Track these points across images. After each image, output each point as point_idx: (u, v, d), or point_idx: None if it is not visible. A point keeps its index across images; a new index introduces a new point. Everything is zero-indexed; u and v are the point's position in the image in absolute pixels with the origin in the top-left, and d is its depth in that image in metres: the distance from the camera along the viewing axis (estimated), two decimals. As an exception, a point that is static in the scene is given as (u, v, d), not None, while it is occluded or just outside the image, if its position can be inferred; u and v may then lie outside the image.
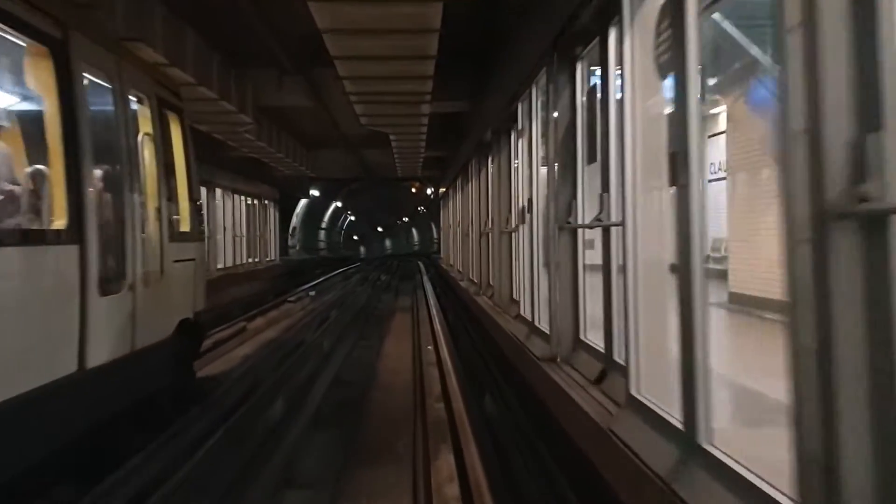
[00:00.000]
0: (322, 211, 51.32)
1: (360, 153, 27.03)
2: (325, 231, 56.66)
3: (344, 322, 19.35)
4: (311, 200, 41.06)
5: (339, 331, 17.63)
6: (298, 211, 40.25)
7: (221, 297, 21.51)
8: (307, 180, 35.78)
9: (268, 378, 11.19)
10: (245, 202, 24.32)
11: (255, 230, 26.09)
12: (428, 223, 63.73)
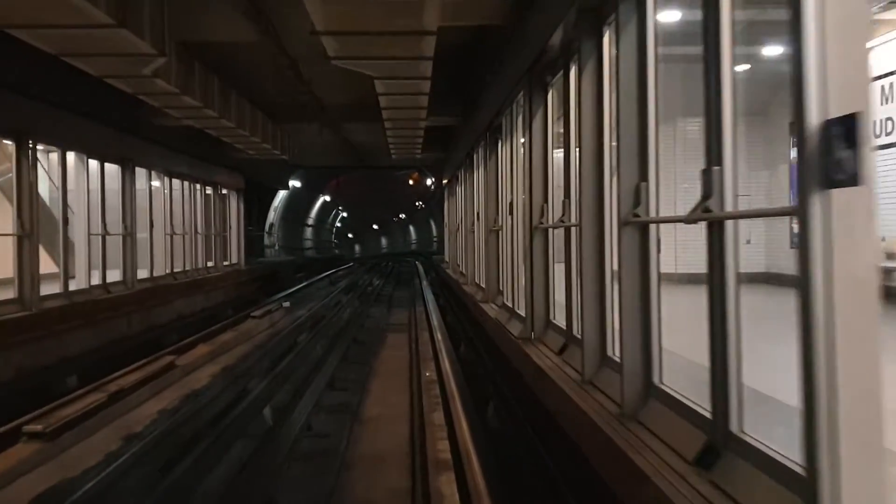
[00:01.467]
0: (307, 205, 46.00)
1: (342, 131, 21.65)
2: (311, 228, 51.29)
3: (313, 356, 13.99)
4: (293, 193, 35.72)
5: (304, 370, 12.34)
6: (277, 205, 34.95)
7: (150, 317, 16.13)
8: (285, 168, 30.40)
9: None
10: (193, 191, 18.89)
11: (209, 227, 20.67)
12: (426, 220, 58.53)
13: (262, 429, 8.83)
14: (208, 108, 13.46)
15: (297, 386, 11.28)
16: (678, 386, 3.87)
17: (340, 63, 9.70)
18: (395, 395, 11.10)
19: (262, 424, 9.00)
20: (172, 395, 10.89)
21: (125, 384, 11.20)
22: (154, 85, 11.23)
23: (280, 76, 15.44)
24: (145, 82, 11.03)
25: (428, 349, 14.16)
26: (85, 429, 9.17)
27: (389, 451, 8.10)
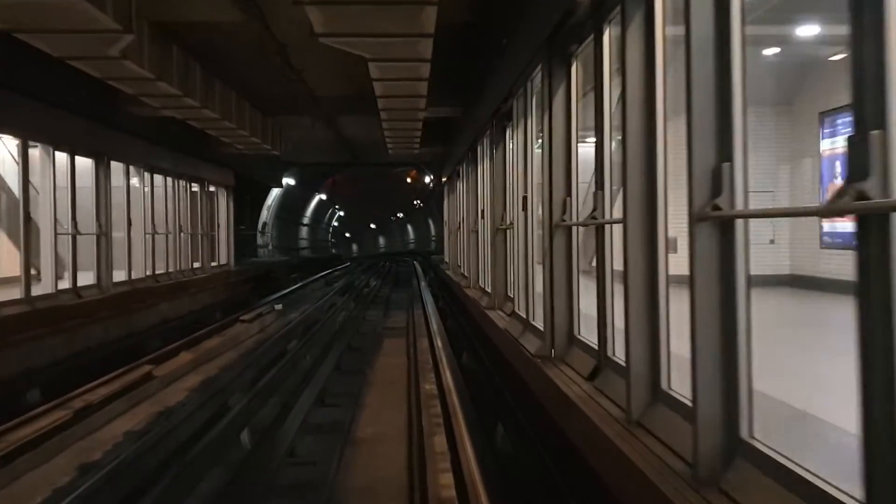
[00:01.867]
0: (302, 204, 44.84)
1: (337, 125, 20.56)
2: (307, 228, 50.12)
3: (303, 366, 12.92)
4: (287, 191, 34.58)
5: (293, 382, 11.29)
6: (270, 203, 33.81)
7: (130, 322, 15.05)
8: (278, 165, 29.30)
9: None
10: (176, 187, 17.77)
11: (196, 226, 19.57)
12: (425, 219, 57.46)
13: (240, 455, 7.76)
14: (188, 97, 12.37)
15: (285, 401, 10.21)
16: (778, 442, 2.80)
17: (329, 41, 8.62)
18: (392, 411, 10.04)
19: (240, 450, 7.93)
20: (145, 412, 9.82)
21: (93, 399, 10.15)
22: (124, 68, 10.14)
23: (268, 64, 14.35)
24: (113, 65, 9.93)
25: (427, 357, 13.09)
26: (42, 452, 8.12)
27: (384, 483, 7.04)
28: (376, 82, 11.21)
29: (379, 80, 11.03)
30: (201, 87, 13.06)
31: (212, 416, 9.27)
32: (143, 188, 15.32)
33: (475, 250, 12.95)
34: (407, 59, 9.59)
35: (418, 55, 9.30)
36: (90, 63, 9.87)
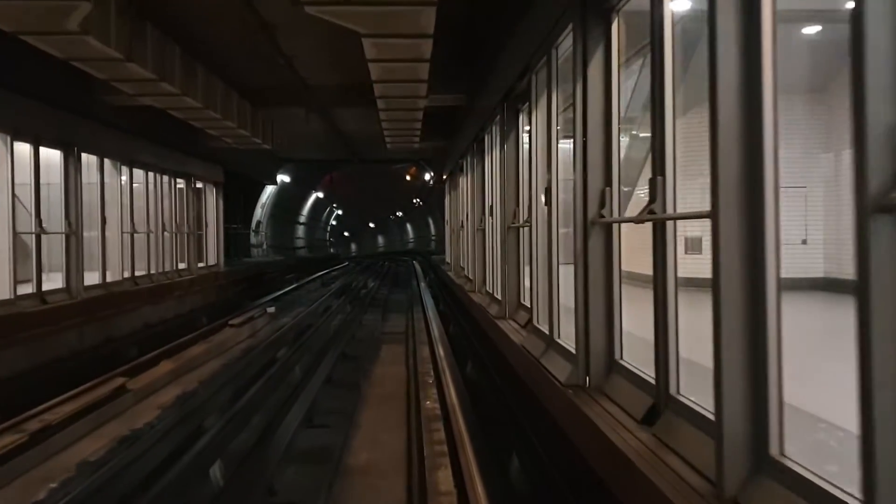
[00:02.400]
0: (299, 202, 43.61)
1: (332, 117, 19.40)
2: (304, 227, 48.90)
3: (292, 379, 11.77)
4: (282, 188, 33.37)
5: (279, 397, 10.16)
6: (264, 201, 32.59)
7: (108, 329, 13.91)
8: (272, 161, 28.14)
9: None
10: (159, 183, 16.58)
11: (182, 224, 18.40)
12: (425, 217, 56.30)
13: (210, 493, 6.61)
14: (166, 82, 11.20)
15: (268, 421, 9.06)
16: None
17: (316, 10, 7.47)
18: (389, 433, 8.90)
19: (210, 487, 6.77)
20: (109, 436, 8.67)
21: (53, 419, 9.00)
22: (88, 47, 8.97)
23: (255, 49, 13.22)
24: (75, 42, 8.77)
25: (428, 367, 11.96)
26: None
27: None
28: (372, 64, 10.06)
29: (375, 62, 9.87)
30: (181, 72, 11.89)
31: (184, 440, 8.12)
32: (119, 183, 14.12)
33: (481, 251, 11.78)
34: (406, 34, 8.43)
35: (419, 29, 8.14)
36: (47, 40, 8.71)
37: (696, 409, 3.39)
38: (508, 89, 7.87)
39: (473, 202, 12.64)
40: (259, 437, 8.29)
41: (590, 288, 4.68)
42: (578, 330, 4.75)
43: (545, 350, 5.57)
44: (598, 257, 4.68)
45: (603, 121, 4.69)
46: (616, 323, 4.62)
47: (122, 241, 14.16)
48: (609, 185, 4.64)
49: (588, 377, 4.69)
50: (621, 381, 4.38)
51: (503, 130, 8.55)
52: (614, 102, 4.61)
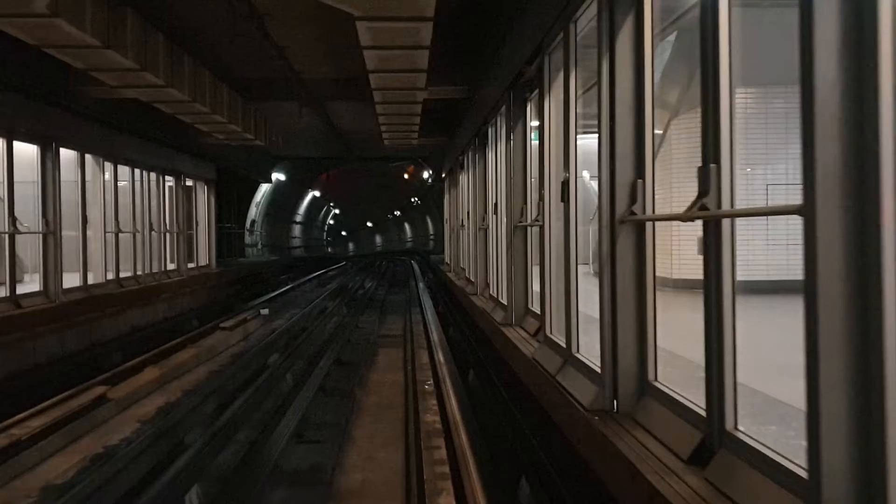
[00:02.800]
0: (295, 201, 42.87)
1: (327, 112, 18.73)
2: (300, 226, 48.15)
3: (283, 387, 11.10)
4: (277, 186, 32.66)
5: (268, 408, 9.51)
6: (259, 200, 31.88)
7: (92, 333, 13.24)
8: (267, 159, 27.46)
9: None
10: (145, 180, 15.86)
11: (173, 224, 17.71)
12: (423, 217, 55.61)
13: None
14: (148, 72, 10.53)
15: (255, 436, 8.40)
16: None
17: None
18: (386, 449, 8.22)
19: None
20: (82, 453, 8.00)
21: (22, 434, 8.32)
22: (60, 31, 8.31)
23: (246, 39, 12.56)
24: (45, 26, 8.10)
25: (427, 374, 11.29)
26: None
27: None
28: (368, 52, 9.39)
29: (371, 49, 9.20)
30: (165, 62, 11.22)
31: (161, 459, 7.45)
32: (103, 180, 13.41)
33: (483, 251, 11.11)
34: (404, 17, 7.76)
35: (418, 11, 7.48)
36: (15, 22, 8.03)
37: (766, 452, 2.72)
38: (516, 76, 7.19)
39: (475, 200, 11.97)
40: (244, 455, 7.64)
41: (618, 296, 4.01)
42: (604, 345, 4.08)
43: (562, 366, 4.89)
44: (628, 261, 4.02)
45: (633, 102, 4.02)
46: (650, 338, 3.96)
47: (106, 242, 13.46)
48: (641, 178, 3.98)
49: (616, 401, 4.02)
50: (657, 408, 3.72)
51: (509, 122, 7.88)
52: (647, 80, 3.94)
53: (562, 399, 4.53)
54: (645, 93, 3.95)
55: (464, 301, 13.18)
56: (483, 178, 10.95)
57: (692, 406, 3.37)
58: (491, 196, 9.95)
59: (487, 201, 10.47)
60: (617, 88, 4.03)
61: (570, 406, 4.31)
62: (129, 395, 10.57)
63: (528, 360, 5.89)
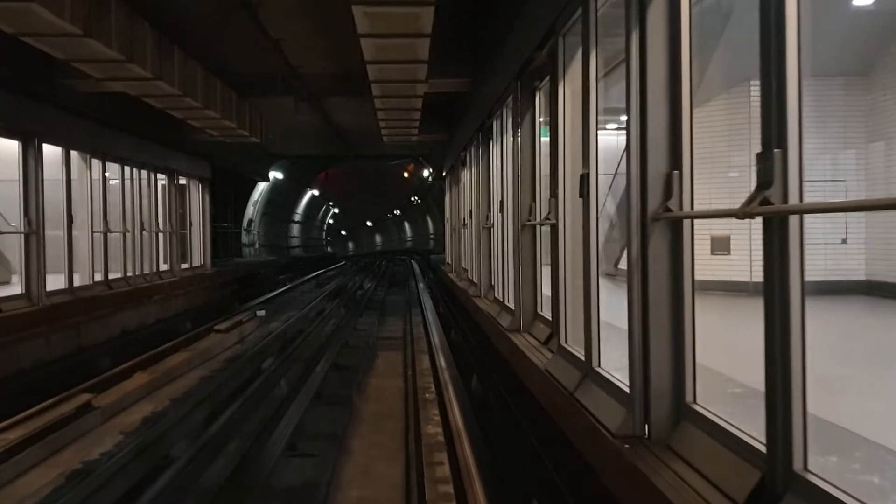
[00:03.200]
0: (293, 200, 42.32)
1: (324, 108, 18.20)
2: (299, 225, 47.60)
3: (277, 394, 10.60)
4: (275, 185, 32.11)
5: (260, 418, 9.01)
6: (256, 199, 31.34)
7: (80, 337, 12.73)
8: (264, 157, 26.93)
9: None
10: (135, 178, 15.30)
11: (166, 223, 17.18)
12: (423, 216, 55.07)
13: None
14: (135, 64, 9.99)
15: (245, 449, 7.89)
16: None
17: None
18: (385, 462, 7.73)
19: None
20: (61, 467, 7.49)
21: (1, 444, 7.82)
22: (38, 18, 7.78)
23: (239, 31, 12.06)
24: (21, 12, 7.58)
25: (428, 380, 10.80)
26: None
27: None
28: (365, 40, 8.85)
29: (368, 37, 8.67)
30: (153, 54, 10.68)
31: (144, 476, 6.94)
32: (90, 178, 12.86)
33: (487, 252, 10.58)
34: (404, 1, 7.23)
35: None
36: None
37: (848, 501, 2.20)
38: (524, 63, 6.67)
39: (478, 198, 11.44)
40: (233, 470, 7.12)
41: (650, 305, 3.49)
42: (634, 360, 3.56)
43: (581, 381, 4.36)
44: (662, 264, 3.50)
45: (667, 80, 3.50)
46: (687, 353, 3.44)
47: (94, 242, 12.92)
48: (678, 169, 3.46)
49: (648, 426, 3.50)
50: (699, 437, 3.20)
51: (516, 114, 7.35)
52: (684, 54, 3.42)
53: (581, 420, 4.01)
54: (682, 69, 3.43)
55: (466, 303, 12.66)
56: (487, 175, 10.42)
57: (743, 436, 2.85)
58: (496, 193, 9.43)
59: (492, 199, 9.95)
60: (648, 65, 3.51)
61: (592, 429, 3.78)
62: (116, 403, 10.07)
63: (539, 372, 5.37)
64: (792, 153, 2.51)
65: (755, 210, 2.55)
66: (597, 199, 4.36)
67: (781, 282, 2.53)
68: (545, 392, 5.11)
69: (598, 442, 3.67)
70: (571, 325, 5.17)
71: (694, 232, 3.46)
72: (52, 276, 11.84)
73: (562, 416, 4.61)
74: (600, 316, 4.42)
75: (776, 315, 2.56)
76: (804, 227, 2.51)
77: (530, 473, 5.64)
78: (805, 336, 2.52)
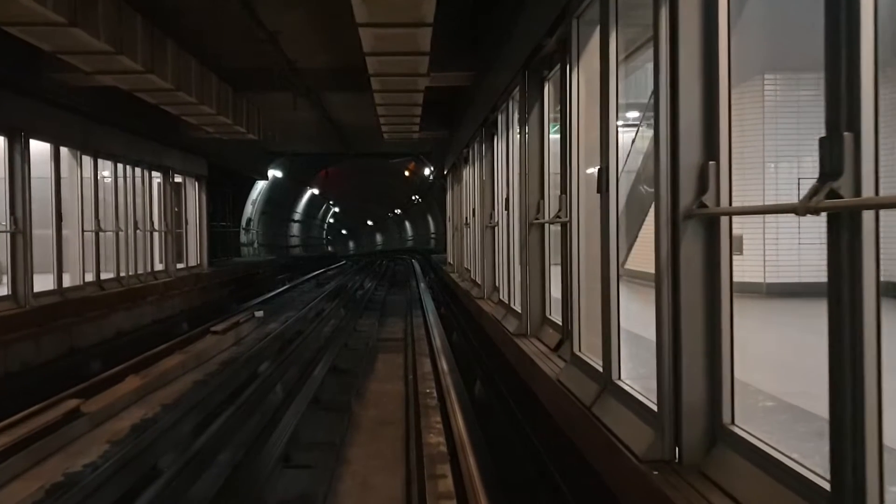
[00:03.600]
0: (293, 199, 41.92)
1: (323, 104, 17.82)
2: (299, 224, 47.19)
3: (273, 400, 10.20)
4: (274, 184, 31.71)
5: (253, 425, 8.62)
6: (255, 197, 30.94)
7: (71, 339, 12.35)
8: (263, 155, 26.55)
9: None
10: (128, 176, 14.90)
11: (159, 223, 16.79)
12: (424, 215, 54.69)
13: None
14: (125, 56, 9.61)
15: (238, 459, 7.49)
16: None
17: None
18: (384, 473, 7.33)
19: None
20: (43, 479, 7.10)
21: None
22: (18, 6, 7.40)
23: (234, 24, 11.68)
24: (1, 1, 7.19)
25: (429, 385, 10.40)
26: None
27: None
28: (364, 30, 8.46)
29: (367, 27, 8.28)
30: (144, 46, 10.29)
31: (128, 490, 6.55)
32: (80, 175, 12.47)
33: (491, 251, 10.19)
34: None
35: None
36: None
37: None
38: (532, 51, 6.27)
39: (482, 195, 11.05)
40: (222, 484, 6.73)
41: (682, 312, 3.10)
42: (663, 375, 3.16)
43: (599, 395, 3.97)
44: (696, 266, 3.11)
45: (702, 59, 3.10)
46: (725, 367, 3.04)
47: (84, 241, 12.53)
48: (714, 159, 3.06)
49: (679, 449, 3.11)
50: (740, 464, 2.80)
51: (523, 106, 6.95)
52: (721, 29, 3.02)
53: (599, 438, 3.61)
54: (718, 45, 3.04)
55: (469, 304, 12.27)
56: (491, 172, 10.03)
57: (796, 467, 2.46)
58: (501, 191, 9.03)
59: (496, 197, 9.55)
60: (680, 42, 3.11)
61: (613, 449, 3.39)
62: (105, 409, 9.67)
63: (550, 382, 4.97)
64: (866, 138, 2.11)
65: (820, 204, 2.15)
66: (617, 194, 3.97)
67: (852, 287, 2.14)
68: (557, 404, 4.71)
69: (620, 464, 3.27)
70: (586, 331, 4.78)
71: (732, 230, 3.06)
72: (41, 277, 11.47)
73: (576, 432, 4.22)
74: (620, 323, 4.02)
75: (845, 327, 2.16)
76: (879, 224, 2.11)
77: (541, 493, 5.25)
78: (881, 351, 2.12)
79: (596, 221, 4.38)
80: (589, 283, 4.74)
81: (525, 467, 6.13)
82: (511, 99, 8.09)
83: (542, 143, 6.70)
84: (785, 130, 11.02)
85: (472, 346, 12.17)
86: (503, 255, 8.96)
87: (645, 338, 4.57)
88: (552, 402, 4.87)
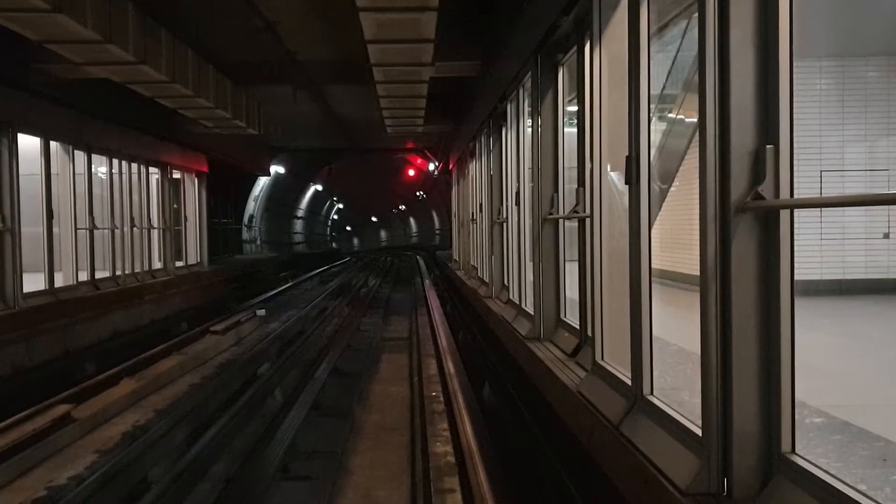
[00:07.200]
0: (296, 195, 41.48)
1: (324, 97, 17.38)
2: (302, 220, 46.75)
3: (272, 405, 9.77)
4: (277, 180, 31.27)
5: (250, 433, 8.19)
6: (257, 194, 30.51)
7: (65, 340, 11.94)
8: (265, 151, 26.12)
9: None
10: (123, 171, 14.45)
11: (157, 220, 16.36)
12: (428, 211, 54.24)
13: None
14: (114, 45, 9.16)
15: (231, 471, 7.06)
16: None
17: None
18: (388, 485, 6.90)
19: None
20: (26, 492, 6.66)
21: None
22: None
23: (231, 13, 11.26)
24: None
25: (436, 388, 9.96)
26: None
27: None
28: (365, 15, 8.00)
29: (369, 11, 7.82)
30: (136, 35, 9.84)
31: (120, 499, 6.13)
32: (72, 171, 12.02)
33: (500, 248, 9.74)
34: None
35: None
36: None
37: None
38: (546, 33, 5.81)
39: (490, 190, 10.59)
40: (216, 498, 6.30)
41: (733, 322, 2.65)
42: (708, 395, 2.71)
43: (628, 411, 3.52)
44: (749, 268, 2.66)
45: (757, 28, 2.64)
46: (784, 387, 2.58)
47: (78, 239, 12.11)
48: (772, 143, 2.61)
49: (728, 481, 2.66)
50: (804, 501, 2.35)
51: (535, 93, 6.49)
52: None
53: (629, 461, 3.16)
54: (778, 8, 2.58)
55: (476, 304, 11.82)
56: (500, 165, 9.57)
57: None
58: (510, 185, 8.57)
59: (505, 191, 9.10)
60: (732, 12, 2.65)
61: (647, 476, 2.94)
62: (96, 415, 9.24)
63: (568, 393, 4.52)
64: None
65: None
66: (649, 186, 3.51)
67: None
68: (577, 418, 4.26)
69: (657, 494, 2.83)
70: (609, 337, 4.32)
71: (794, 227, 2.61)
72: (32, 276, 11.05)
73: (601, 452, 3.76)
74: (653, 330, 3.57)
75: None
76: None
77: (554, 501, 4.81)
78: None
79: (620, 216, 3.93)
80: (613, 284, 4.28)
81: (543, 487, 5.68)
82: (521, 87, 7.62)
83: (555, 132, 6.24)
84: (806, 121, 10.54)
85: (480, 347, 11.72)
86: (513, 252, 8.51)
87: (661, 338, 4.13)
88: (571, 415, 4.42)
